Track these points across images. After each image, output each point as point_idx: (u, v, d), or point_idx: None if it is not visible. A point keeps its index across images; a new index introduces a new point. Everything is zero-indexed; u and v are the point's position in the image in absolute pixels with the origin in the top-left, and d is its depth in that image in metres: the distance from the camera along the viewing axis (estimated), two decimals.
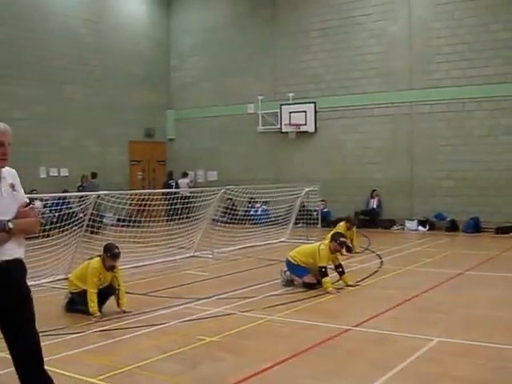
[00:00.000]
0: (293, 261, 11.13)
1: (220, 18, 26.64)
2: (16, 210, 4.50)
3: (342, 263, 11.29)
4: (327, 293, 10.36)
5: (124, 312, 9.03)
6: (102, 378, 6.23)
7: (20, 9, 22.30)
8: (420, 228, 21.23)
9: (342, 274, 11.05)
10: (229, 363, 6.78)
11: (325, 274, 10.60)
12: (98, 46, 25.05)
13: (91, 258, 9.36)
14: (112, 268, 9.08)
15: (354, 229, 15.75)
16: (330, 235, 11.80)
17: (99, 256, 9.19)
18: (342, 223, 15.50)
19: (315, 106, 23.64)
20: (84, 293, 8.94)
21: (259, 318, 8.70)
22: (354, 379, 6.20)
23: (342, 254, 13.50)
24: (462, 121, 20.94)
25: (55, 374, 6.32)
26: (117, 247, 9.17)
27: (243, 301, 9.91)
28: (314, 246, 11.18)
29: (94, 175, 22.82)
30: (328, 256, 10.79)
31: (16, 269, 4.52)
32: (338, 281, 11.06)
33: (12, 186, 4.59)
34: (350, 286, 10.96)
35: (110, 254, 9.00)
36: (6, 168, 4.68)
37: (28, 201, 4.67)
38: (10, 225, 4.35)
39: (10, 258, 4.42)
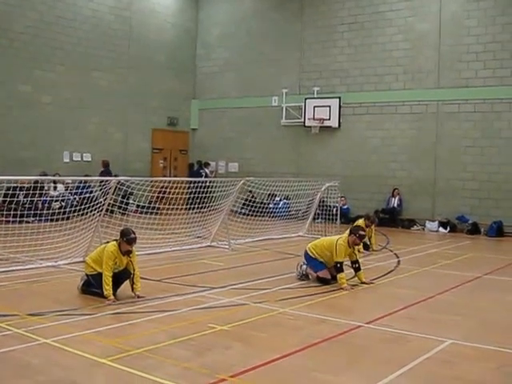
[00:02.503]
0: (310, 253, 11.05)
1: (248, 10, 26.61)
2: None
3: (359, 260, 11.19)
4: (341, 289, 10.31)
5: (138, 297, 9.06)
6: (111, 359, 6.26)
7: None
8: (441, 229, 21.06)
9: (357, 270, 10.94)
10: (238, 352, 6.77)
11: (340, 270, 10.51)
12: (125, 34, 25.15)
13: (108, 242, 9.40)
14: (128, 253, 9.11)
15: (373, 227, 15.61)
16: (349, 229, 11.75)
17: (116, 240, 9.22)
18: (361, 220, 15.30)
19: (340, 101, 23.53)
20: (99, 276, 8.98)
21: (271, 310, 8.67)
22: (361, 375, 6.14)
23: (359, 252, 13.49)
24: (490, 122, 20.69)
25: (66, 353, 6.44)
26: (133, 232, 9.19)
27: (257, 292, 9.90)
28: (332, 240, 11.01)
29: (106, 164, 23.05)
30: (345, 251, 10.64)
31: None
32: (352, 277, 11.00)
33: None
34: (365, 283, 10.86)
35: (126, 238, 9.02)
36: None
37: None
38: None
39: None
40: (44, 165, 21.17)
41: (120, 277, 9.15)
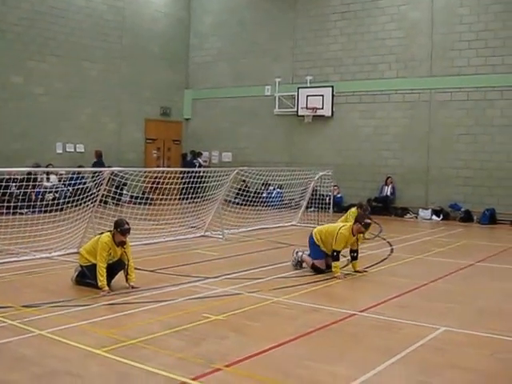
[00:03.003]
0: (315, 238, 10.96)
1: None
2: None
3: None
4: (335, 277, 10.34)
5: (132, 287, 9.08)
6: (106, 350, 6.28)
7: None
8: (434, 217, 21.12)
9: (354, 259, 10.92)
10: (232, 341, 6.80)
11: (336, 259, 10.51)
12: (117, 23, 25.04)
13: (102, 233, 9.40)
14: (122, 243, 9.12)
15: None
16: (353, 215, 11.90)
17: (110, 231, 9.23)
18: (354, 209, 15.24)
19: (333, 90, 23.51)
20: (93, 267, 8.98)
21: (265, 299, 8.71)
22: (355, 363, 6.18)
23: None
24: (483, 110, 20.71)
25: (61, 344, 6.45)
26: (127, 223, 9.20)
27: (251, 282, 9.92)
28: (336, 226, 10.94)
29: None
30: (345, 240, 10.57)
31: None
32: (346, 265, 11.03)
33: None
34: (358, 271, 10.88)
35: (120, 229, 9.02)
36: None
37: None
38: None
39: None
40: (37, 156, 21.12)
41: (114, 268, 9.16)
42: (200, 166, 24.40)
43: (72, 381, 5.56)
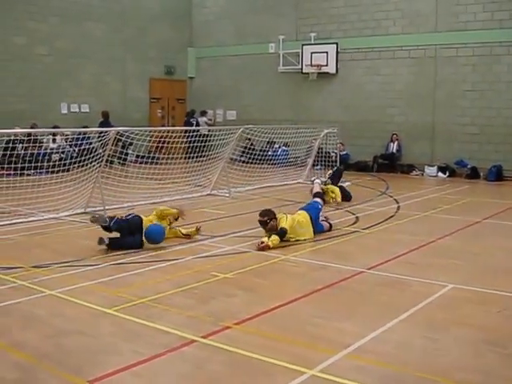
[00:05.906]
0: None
1: None
2: None
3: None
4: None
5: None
6: (116, 309, 6.35)
7: None
8: (440, 174, 21.04)
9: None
10: (241, 299, 6.85)
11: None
12: None
13: None
14: None
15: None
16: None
17: None
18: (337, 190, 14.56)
19: (337, 47, 23.22)
20: None
21: (273, 257, 8.75)
22: (364, 320, 6.23)
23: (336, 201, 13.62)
24: (489, 66, 20.42)
25: (71, 304, 6.51)
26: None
27: (258, 239, 9.88)
28: None
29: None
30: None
31: None
32: (354, 223, 10.97)
33: None
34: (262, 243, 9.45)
35: None
36: None
37: None
38: None
39: None
40: (42, 117, 21.04)
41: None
42: (197, 125, 24.22)
43: (83, 340, 5.61)
